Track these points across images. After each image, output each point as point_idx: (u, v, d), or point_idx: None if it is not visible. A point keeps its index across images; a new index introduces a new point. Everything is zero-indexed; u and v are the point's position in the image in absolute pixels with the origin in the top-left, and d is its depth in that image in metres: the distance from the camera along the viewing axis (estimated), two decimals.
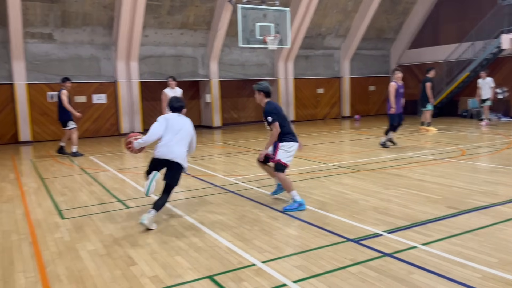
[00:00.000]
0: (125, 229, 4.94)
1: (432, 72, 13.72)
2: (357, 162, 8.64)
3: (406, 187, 6.46)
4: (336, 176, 7.39)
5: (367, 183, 6.77)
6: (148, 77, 16.03)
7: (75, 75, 14.78)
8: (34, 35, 14.02)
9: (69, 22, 14.27)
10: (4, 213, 5.77)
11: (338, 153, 10.08)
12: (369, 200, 5.78)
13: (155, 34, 15.77)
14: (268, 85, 5.83)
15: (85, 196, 6.59)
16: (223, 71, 17.38)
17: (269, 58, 18.46)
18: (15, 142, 14.06)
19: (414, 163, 8.37)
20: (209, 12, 16.01)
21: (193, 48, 16.73)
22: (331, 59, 19.94)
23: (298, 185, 6.79)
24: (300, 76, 19.12)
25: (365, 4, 18.35)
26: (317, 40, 19.16)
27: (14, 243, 4.58)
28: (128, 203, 6.08)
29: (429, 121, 13.79)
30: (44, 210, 5.85)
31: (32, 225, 5.20)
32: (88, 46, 14.95)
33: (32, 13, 13.57)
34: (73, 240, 4.61)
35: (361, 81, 20.78)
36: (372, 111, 21.26)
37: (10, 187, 7.42)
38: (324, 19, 18.42)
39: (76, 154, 10.80)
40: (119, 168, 8.99)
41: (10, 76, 13.87)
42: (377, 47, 21.01)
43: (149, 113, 17.17)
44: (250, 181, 7.25)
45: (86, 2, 14.03)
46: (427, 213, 5.11)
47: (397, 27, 20.61)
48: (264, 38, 14.21)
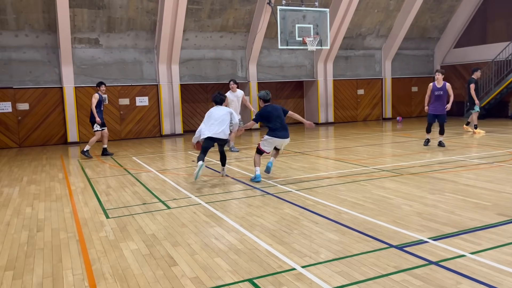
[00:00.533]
0: (167, 229, 5.03)
1: (477, 73, 13.22)
2: (399, 166, 8.40)
3: (452, 192, 6.21)
4: (377, 180, 7.22)
5: (411, 188, 6.56)
6: (188, 79, 16.32)
7: (119, 78, 15.29)
8: (82, 41, 14.62)
9: (114, 27, 14.78)
10: (53, 212, 6.04)
11: (380, 156, 9.85)
12: (413, 205, 5.60)
13: (195, 37, 16.05)
14: (265, 94, 7.70)
15: (128, 196, 6.79)
16: (261, 73, 17.42)
17: (308, 60, 18.33)
18: (64, 143, 14.70)
19: (460, 167, 8.04)
20: (248, 15, 16.11)
21: (232, 50, 16.88)
22: (372, 60, 19.54)
23: (338, 188, 6.70)
24: (339, 77, 18.86)
25: (408, 3, 17.86)
26: (357, 40, 18.84)
27: (62, 241, 4.78)
28: (169, 204, 6.20)
29: (475, 123, 13.25)
30: (90, 209, 6.07)
31: (79, 223, 5.41)
32: (132, 50, 15.42)
33: (80, 19, 14.15)
34: (117, 239, 4.75)
35: (404, 82, 20.23)
36: (415, 113, 20.64)
37: (59, 186, 7.76)
38: (365, 19, 18.09)
39: (85, 153, 10.99)
40: (160, 169, 9.20)
41: (60, 80, 14.53)
42: (420, 47, 20.38)
43: (189, 115, 17.50)
44: (288, 183, 7.21)
45: (130, 8, 14.47)
46: (475, 220, 4.89)
47: (442, 26, 19.92)
48: (303, 39, 14.11)
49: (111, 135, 15.41)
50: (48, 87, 14.49)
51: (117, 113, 15.46)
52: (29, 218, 5.74)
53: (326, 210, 5.52)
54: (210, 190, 6.99)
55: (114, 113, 15.42)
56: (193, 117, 17.64)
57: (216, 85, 17.72)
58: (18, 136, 14.36)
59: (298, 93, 19.42)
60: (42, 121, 14.53)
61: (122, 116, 15.58)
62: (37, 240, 4.85)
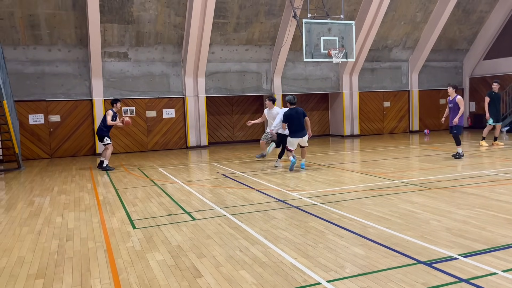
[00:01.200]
0: (192, 240, 5.07)
1: (495, 85, 12.96)
2: (427, 179, 8.23)
3: (483, 207, 6.03)
4: (405, 194, 7.08)
5: (439, 202, 6.41)
6: (213, 92, 16.53)
7: (147, 91, 15.63)
8: (111, 54, 15.05)
9: (142, 41, 15.17)
10: (82, 221, 6.18)
11: (407, 170, 9.67)
12: (442, 220, 5.46)
13: (221, 51, 16.28)
14: (292, 98, 9.88)
15: (154, 207, 6.88)
16: (286, 86, 17.48)
17: (333, 72, 18.28)
18: (93, 154, 15.08)
19: (491, 181, 7.81)
20: (274, 28, 16.25)
21: (258, 63, 17.03)
22: (398, 72, 19.33)
23: (364, 202, 6.61)
24: (365, 89, 18.71)
25: (435, 15, 17.64)
26: (384, 52, 18.69)
27: (91, 250, 4.88)
28: (195, 215, 6.25)
29: (484, 135, 13.17)
30: (117, 220, 6.19)
31: (107, 233, 5.52)
32: (159, 64, 15.76)
33: (110, 34, 14.60)
34: (144, 250, 4.82)
35: (431, 94, 19.89)
36: (443, 126, 20.20)
37: (88, 197, 7.95)
38: (391, 31, 17.96)
39: (107, 168, 11.25)
40: (186, 180, 9.30)
41: (90, 93, 14.97)
42: (448, 59, 20.04)
43: (214, 127, 17.67)
44: (314, 196, 7.17)
45: (158, 22, 14.84)
46: (507, 237, 4.73)
47: (471, 37, 19.55)
48: (328, 52, 14.10)
49: (138, 146, 15.71)
50: (79, 100, 14.94)
51: (144, 125, 15.77)
52: (59, 228, 5.90)
53: (351, 224, 5.45)
54: (234, 202, 7.02)
55: (142, 125, 15.73)
56: (218, 129, 17.81)
57: (241, 98, 17.87)
58: (50, 147, 14.82)
59: (323, 105, 19.35)
60: (72, 132, 14.97)
61: (149, 128, 15.87)
62: (66, 249, 4.97)
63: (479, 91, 19.76)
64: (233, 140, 17.98)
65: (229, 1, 15.01)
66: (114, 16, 14.25)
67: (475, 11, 18.50)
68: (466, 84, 20.35)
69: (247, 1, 15.18)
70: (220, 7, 14.90)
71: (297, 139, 9.86)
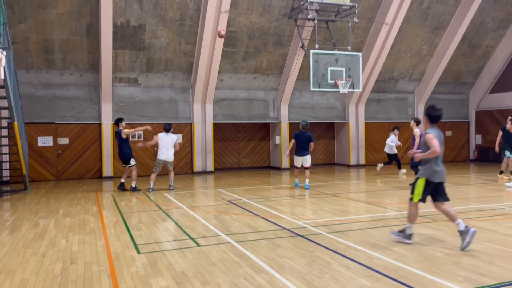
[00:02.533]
0: (196, 267, 5.03)
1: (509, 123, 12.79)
2: (434, 212, 8.13)
3: (490, 241, 5.96)
4: None
5: (446, 235, 6.34)
6: (221, 118, 16.68)
7: (155, 116, 15.81)
8: (122, 80, 15.33)
9: (153, 67, 15.46)
10: (87, 244, 6.17)
11: None
12: (449, 254, 5.40)
13: (230, 78, 16.53)
14: (305, 124, 11.65)
15: (159, 232, 6.86)
16: (293, 114, 17.62)
17: (340, 102, 18.44)
18: (99, 177, 15.13)
19: (499, 215, 7.74)
20: (282, 58, 16.53)
21: (265, 91, 17.24)
22: (404, 103, 19.45)
23: (370, 233, 6.55)
24: (371, 119, 18.81)
25: (441, 48, 17.89)
26: (390, 84, 18.88)
27: (95, 274, 4.85)
28: (199, 241, 6.22)
29: (502, 169, 13.03)
30: (122, 244, 6.16)
31: (111, 257, 5.49)
32: (168, 90, 16.01)
33: (121, 60, 14.91)
34: (148, 275, 4.78)
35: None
36: (449, 158, 20.16)
37: (93, 220, 7.95)
38: (397, 63, 18.19)
39: (135, 189, 11.55)
40: (191, 205, 9.29)
41: (99, 116, 15.17)
42: (454, 91, 20.19)
43: (220, 153, 17.74)
44: (319, 225, 7.12)
45: (169, 50, 15.16)
46: None
47: (477, 71, 19.74)
48: (335, 82, 14.28)
49: (144, 171, 15.75)
50: (88, 123, 15.12)
51: (151, 149, 15.86)
52: (64, 250, 5.88)
53: (357, 255, 5.40)
54: (239, 229, 6.99)
55: (149, 149, 15.82)
56: (224, 155, 17.86)
57: (247, 125, 18.00)
58: (57, 169, 14.90)
59: (329, 134, 19.42)
60: (80, 155, 15.08)
61: (156, 153, 15.92)
62: (70, 272, 4.95)
63: (485, 124, 19.78)
64: (239, 167, 18.00)
65: (238, 31, 15.35)
66: (126, 42, 14.59)
67: (480, 45, 18.75)
68: (472, 117, 20.40)
69: (257, 31, 15.52)
70: (229, 36, 15.23)
71: (300, 158, 11.64)
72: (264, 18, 15.26)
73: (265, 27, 15.51)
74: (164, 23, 14.57)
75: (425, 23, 17.24)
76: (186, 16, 14.64)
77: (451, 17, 17.26)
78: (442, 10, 17.03)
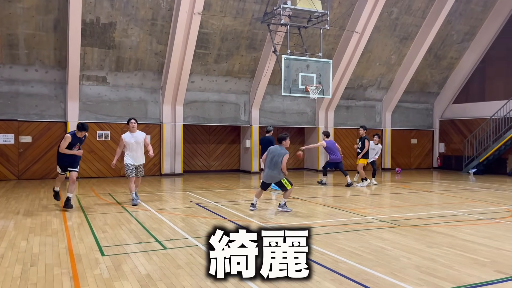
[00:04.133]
0: (162, 269, 4.97)
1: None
2: (398, 217, 8.38)
3: (450, 246, 6.17)
4: (376, 230, 7.18)
5: (409, 240, 6.53)
6: (191, 120, 16.56)
7: (123, 116, 15.50)
8: (90, 78, 14.98)
9: (122, 66, 15.19)
10: (48, 246, 5.97)
11: (378, 206, 9.83)
12: (411, 258, 5.55)
13: (201, 80, 16.45)
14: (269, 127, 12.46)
15: (124, 234, 6.73)
16: (263, 118, 17.70)
17: (310, 107, 18.68)
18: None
19: (459, 221, 8.03)
20: (254, 62, 16.60)
21: (236, 94, 17.26)
22: (372, 110, 19.91)
23: (336, 237, 6.66)
24: (340, 125, 19.13)
25: (408, 58, 18.44)
26: (359, 91, 19.28)
27: (56, 277, 4.71)
28: (166, 244, 6.14)
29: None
30: (86, 246, 6.01)
31: (74, 259, 5.34)
32: (138, 90, 15.76)
33: (90, 57, 14.58)
34: (112, 278, 4.68)
35: (403, 134, 20.50)
36: (414, 165, 20.76)
37: (55, 221, 7.71)
38: (367, 71, 18.61)
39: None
40: (158, 208, 9.16)
41: (65, 115, 14.75)
42: (420, 100, 20.83)
43: (189, 155, 17.59)
44: (286, 229, 7.16)
45: (140, 49, 14.94)
46: (473, 276, 4.84)
47: (442, 82, 20.45)
48: (306, 87, 14.45)
49: (110, 171, 15.41)
50: (53, 121, 14.67)
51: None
52: (24, 252, 5.68)
53: (323, 258, 5.47)
54: (207, 231, 6.93)
55: (116, 150, 15.48)
56: (193, 157, 17.72)
57: (218, 127, 17.94)
58: (18, 168, 14.37)
59: (299, 139, 19.61)
60: (43, 154, 14.60)
61: (123, 154, 15.62)
62: (30, 275, 4.78)
63: (448, 133, 20.50)
64: (208, 169, 17.91)
65: (211, 33, 15.31)
66: (95, 40, 14.28)
67: (445, 57, 19.45)
68: (436, 126, 21.10)
69: (229, 34, 15.53)
70: (202, 38, 15.17)
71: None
72: (237, 21, 15.30)
73: (238, 30, 15.55)
74: (135, 22, 14.36)
75: (393, 33, 17.74)
76: (158, 16, 14.48)
77: (419, 28, 17.83)
78: (410, 21, 17.58)
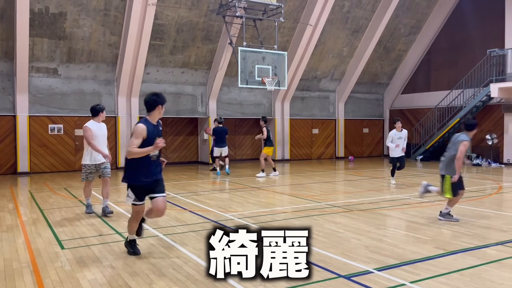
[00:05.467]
0: (124, 259, 5.08)
1: None
2: (350, 202, 8.86)
3: (397, 227, 6.67)
4: (329, 215, 7.59)
5: (360, 223, 6.97)
6: (147, 113, 16.38)
7: (76, 108, 15.15)
8: (40, 70, 14.48)
9: (74, 58, 14.78)
10: (4, 242, 5.89)
11: (332, 193, 10.31)
12: (361, 239, 5.97)
13: (157, 72, 16.31)
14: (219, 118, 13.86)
15: (84, 227, 6.73)
16: (221, 109, 17.83)
17: (266, 98, 18.99)
18: (14, 173, 14.18)
19: (405, 204, 8.61)
20: (210, 53, 16.64)
21: (193, 86, 17.25)
22: (326, 101, 20.53)
23: (292, 223, 6.99)
24: (296, 116, 19.61)
25: (360, 50, 19.13)
26: (313, 82, 19.81)
27: (16, 271, 4.71)
28: (126, 235, 6.20)
29: None
30: (44, 240, 5.98)
31: (33, 254, 5.33)
32: (91, 82, 15.41)
33: (39, 48, 14.08)
34: (74, 269, 4.74)
35: (355, 123, 21.30)
36: (366, 153, 21.66)
37: (9, 217, 7.54)
38: (320, 63, 19.14)
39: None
40: (116, 201, 9.14)
41: (13, 108, 14.20)
42: (371, 91, 21.69)
43: None
44: (245, 217, 7.43)
45: (92, 40, 14.60)
46: (416, 253, 5.31)
47: (391, 73, 21.39)
48: (262, 79, 14.72)
49: (64, 166, 15.05)
50: (0, 115, 14.09)
51: (72, 144, 15.19)
52: None
53: None
54: (167, 222, 7.07)
55: (69, 143, 15.15)
56: None
57: (175, 119, 17.89)
58: None
59: (256, 130, 19.88)
60: None
61: (78, 147, 15.29)
62: None
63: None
64: (166, 162, 17.80)
65: (166, 24, 15.20)
66: (45, 30, 13.80)
67: (394, 49, 20.35)
68: (386, 115, 22.09)
69: (185, 25, 15.47)
70: (157, 29, 15.02)
71: (219, 149, 13.87)
72: (192, 12, 15.26)
73: (194, 22, 15.52)
74: (87, 12, 14.00)
75: (345, 26, 18.33)
76: (111, 6, 14.19)
77: (369, 21, 18.54)
78: (360, 14, 18.23)
